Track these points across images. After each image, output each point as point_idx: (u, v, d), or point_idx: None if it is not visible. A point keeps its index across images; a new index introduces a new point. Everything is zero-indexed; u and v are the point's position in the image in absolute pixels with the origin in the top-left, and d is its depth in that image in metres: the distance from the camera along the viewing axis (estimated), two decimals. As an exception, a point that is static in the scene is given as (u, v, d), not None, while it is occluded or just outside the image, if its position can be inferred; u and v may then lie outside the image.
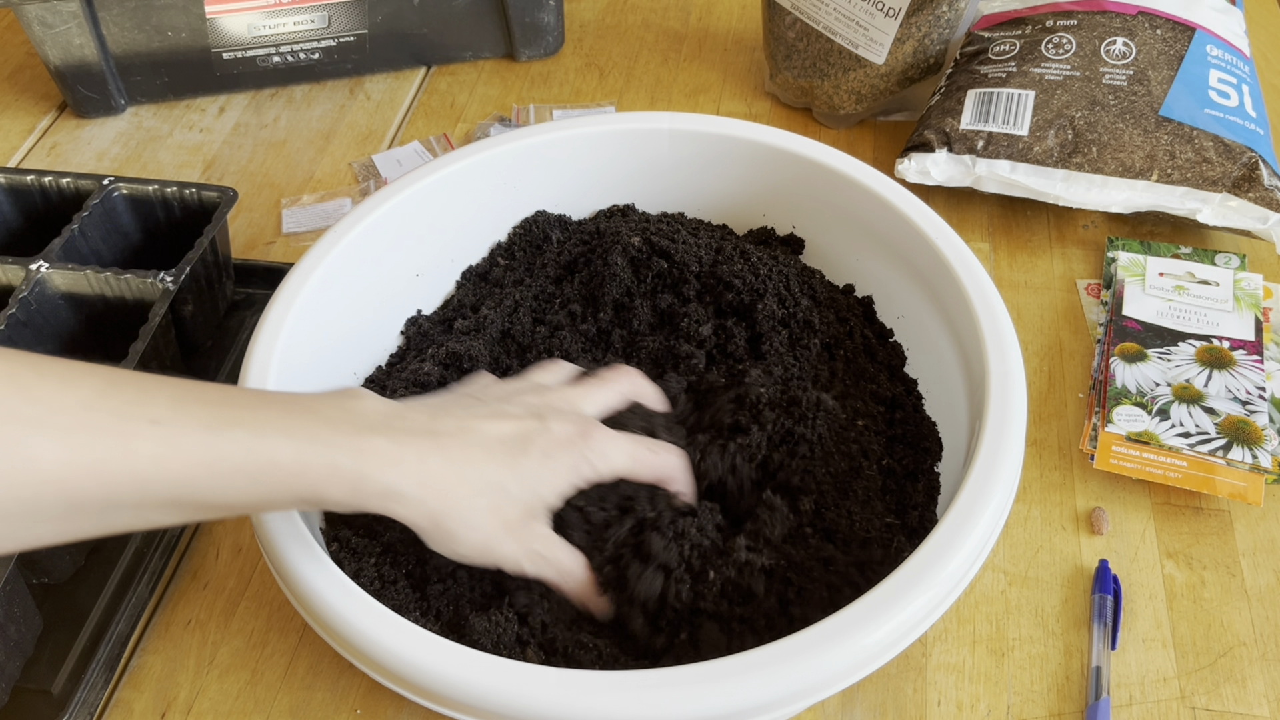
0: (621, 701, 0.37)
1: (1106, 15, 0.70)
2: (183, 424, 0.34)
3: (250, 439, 0.35)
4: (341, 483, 0.37)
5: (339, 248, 0.53)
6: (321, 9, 0.80)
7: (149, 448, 0.33)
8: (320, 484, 0.37)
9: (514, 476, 0.41)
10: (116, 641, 0.50)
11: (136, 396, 0.34)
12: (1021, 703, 0.49)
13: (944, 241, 0.53)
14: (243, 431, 0.35)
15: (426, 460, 0.39)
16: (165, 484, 0.34)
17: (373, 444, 0.38)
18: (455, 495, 0.40)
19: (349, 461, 0.37)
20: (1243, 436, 0.56)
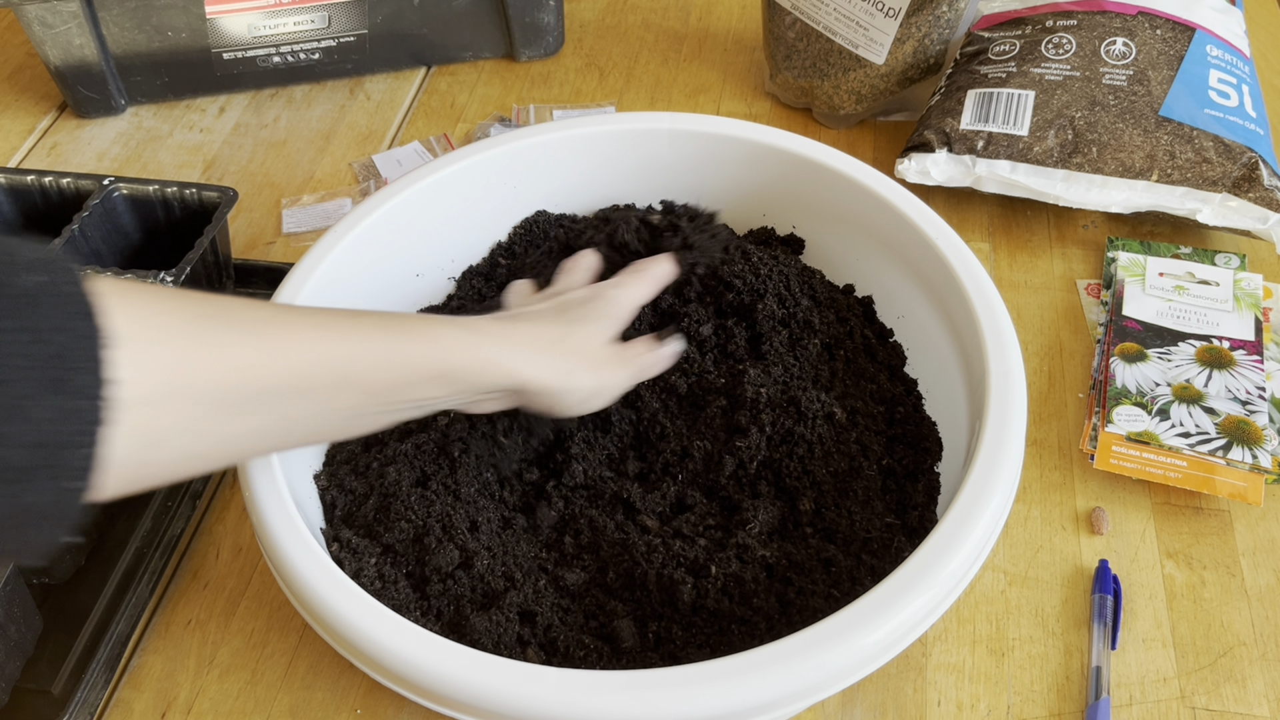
0: (621, 701, 0.37)
1: (1106, 15, 0.70)
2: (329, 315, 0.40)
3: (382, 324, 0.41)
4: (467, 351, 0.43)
5: (339, 248, 0.53)
6: (321, 9, 0.80)
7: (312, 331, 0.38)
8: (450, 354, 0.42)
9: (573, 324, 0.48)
10: (116, 641, 0.50)
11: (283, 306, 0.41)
12: (1021, 703, 0.49)
13: (944, 241, 0.53)
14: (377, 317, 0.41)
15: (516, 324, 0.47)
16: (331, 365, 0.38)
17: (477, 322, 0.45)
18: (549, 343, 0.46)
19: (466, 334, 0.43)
20: (1243, 436, 0.56)
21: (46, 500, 0.29)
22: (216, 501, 0.57)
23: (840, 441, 0.50)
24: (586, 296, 0.51)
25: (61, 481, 0.30)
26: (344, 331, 0.39)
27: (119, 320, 0.31)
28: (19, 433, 0.28)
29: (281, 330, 0.37)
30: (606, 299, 0.51)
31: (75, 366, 0.29)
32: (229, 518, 0.57)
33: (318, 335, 0.38)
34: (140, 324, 0.32)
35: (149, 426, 0.32)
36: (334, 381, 0.38)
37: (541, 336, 0.47)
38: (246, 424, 0.36)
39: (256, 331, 0.36)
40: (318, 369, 0.38)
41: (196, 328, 0.34)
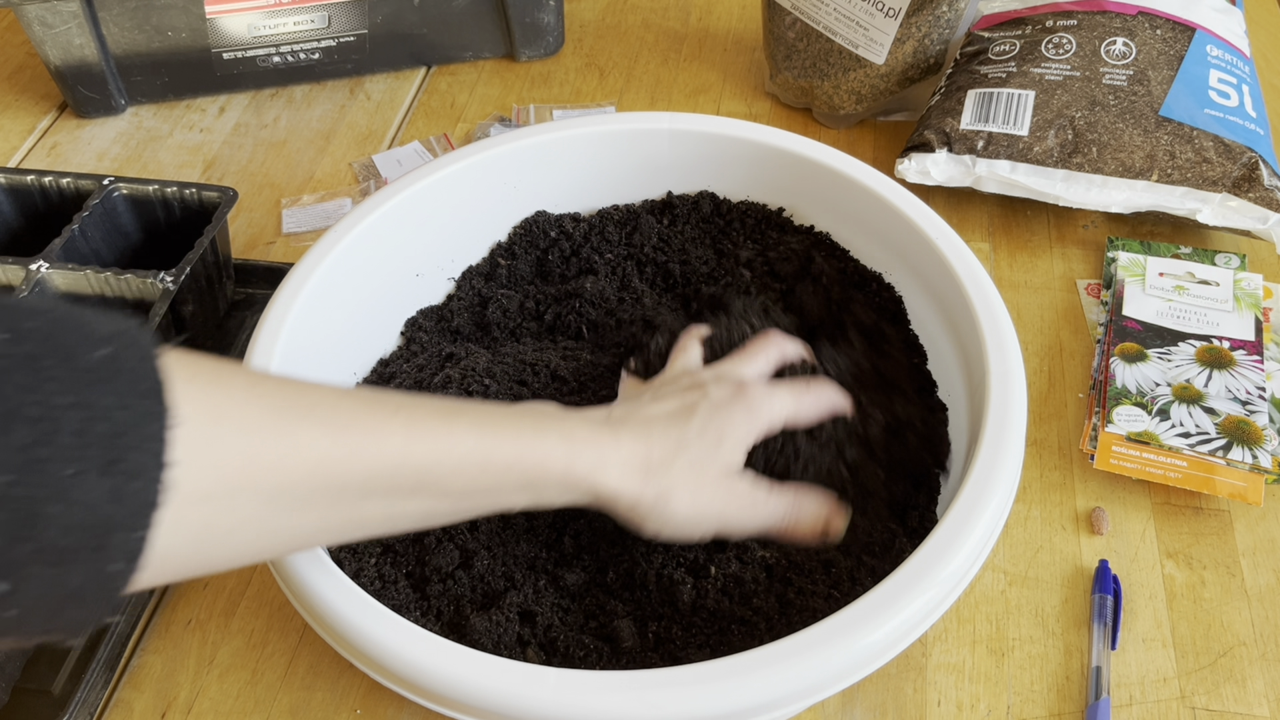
0: (621, 701, 0.37)
1: (1106, 15, 0.70)
2: (420, 414, 0.37)
3: (475, 426, 0.38)
4: (557, 464, 0.40)
5: (339, 248, 0.53)
6: (321, 9, 0.80)
7: (397, 433, 0.36)
8: (540, 466, 0.39)
9: (689, 441, 0.43)
10: (116, 641, 0.50)
11: (373, 397, 0.37)
12: (1021, 703, 0.49)
13: (944, 241, 0.53)
14: (467, 420, 0.38)
15: (620, 439, 0.42)
16: (411, 469, 0.36)
17: (574, 429, 0.41)
18: (650, 464, 0.42)
19: (560, 445, 0.40)
20: (1243, 436, 0.56)
21: (89, 583, 0.28)
22: (216, 501, 0.57)
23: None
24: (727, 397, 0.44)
25: (107, 565, 0.28)
26: (432, 431, 0.37)
27: (185, 400, 0.30)
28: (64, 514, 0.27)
29: (365, 425, 0.35)
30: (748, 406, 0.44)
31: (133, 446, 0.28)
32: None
33: (406, 434, 0.36)
34: (208, 406, 0.31)
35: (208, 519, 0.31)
36: (413, 485, 0.36)
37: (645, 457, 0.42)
38: (310, 521, 0.35)
39: (336, 424, 0.34)
40: (397, 471, 0.36)
41: (268, 418, 0.33)
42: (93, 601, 0.29)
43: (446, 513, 0.39)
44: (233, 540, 0.33)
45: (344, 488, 0.35)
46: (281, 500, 0.33)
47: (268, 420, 0.33)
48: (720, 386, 0.45)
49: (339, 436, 0.34)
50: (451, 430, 0.37)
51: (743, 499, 0.44)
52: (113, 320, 0.30)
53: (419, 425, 0.37)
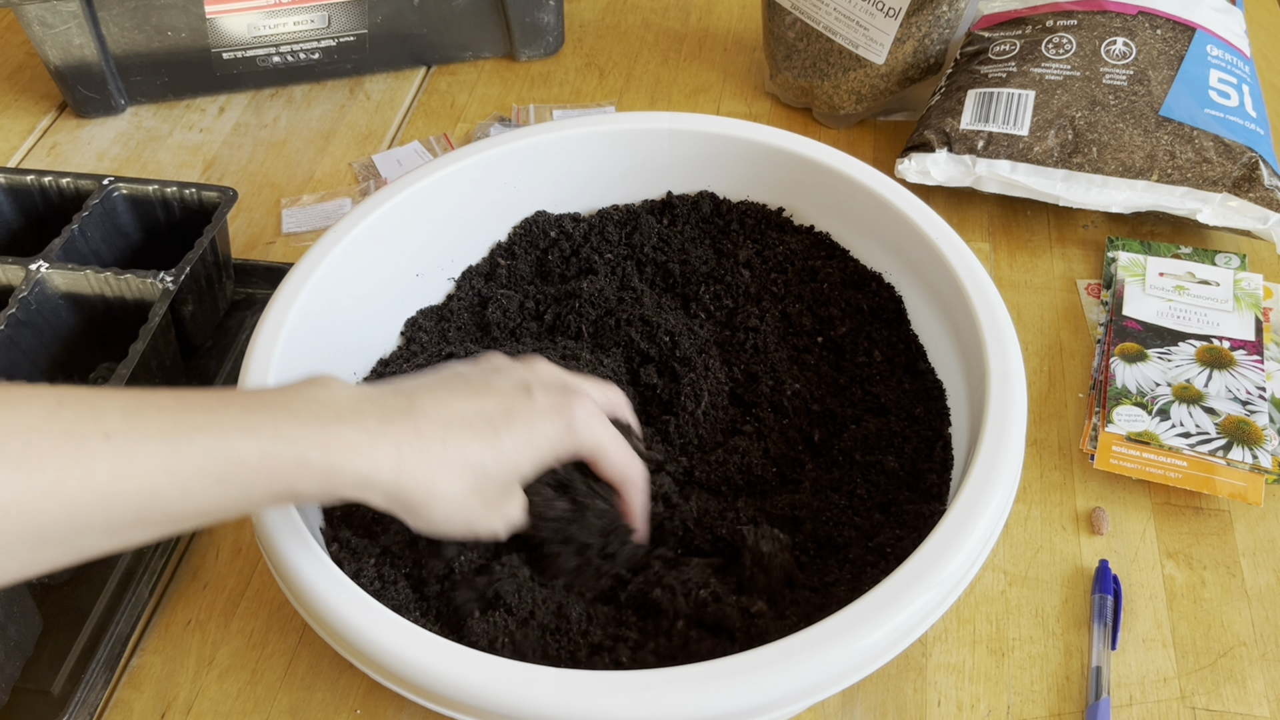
0: (621, 701, 0.37)
1: (1106, 15, 0.70)
2: (138, 435, 0.32)
3: (212, 442, 0.34)
4: (312, 476, 0.36)
5: (339, 248, 0.53)
6: (321, 9, 0.80)
7: (105, 463, 0.31)
8: (290, 479, 0.35)
9: (495, 454, 0.40)
10: (116, 641, 0.50)
11: (85, 413, 0.32)
12: (1021, 703, 0.49)
13: (944, 241, 0.53)
14: (203, 435, 0.34)
15: (402, 449, 0.38)
16: (128, 499, 0.32)
17: (342, 434, 0.36)
18: (433, 482, 0.38)
19: (318, 455, 0.36)
20: (1243, 436, 0.56)
21: None
22: (216, 501, 0.57)
23: None
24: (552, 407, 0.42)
25: None
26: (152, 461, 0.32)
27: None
28: None
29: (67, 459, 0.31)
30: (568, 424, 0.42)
31: None
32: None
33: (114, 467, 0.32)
34: None
35: None
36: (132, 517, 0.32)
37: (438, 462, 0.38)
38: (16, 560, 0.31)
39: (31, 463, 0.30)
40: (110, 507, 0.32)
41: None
42: None
43: (188, 527, 0.35)
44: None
45: (46, 529, 0.31)
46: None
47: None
48: (549, 393, 0.42)
49: (31, 475, 0.30)
50: (176, 454, 0.33)
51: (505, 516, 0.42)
52: None
53: (134, 452, 0.32)
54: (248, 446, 0.34)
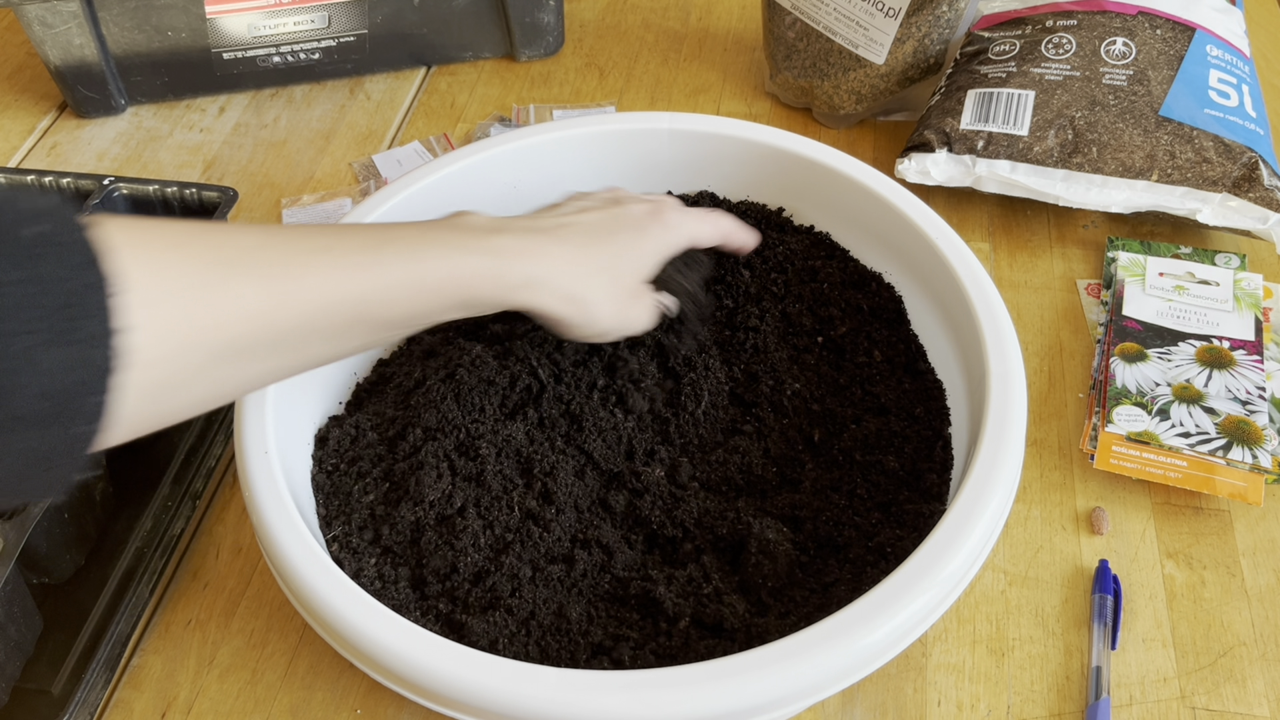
0: (621, 701, 0.37)
1: (1106, 15, 0.70)
2: (346, 247, 0.38)
3: (404, 252, 0.40)
4: (487, 279, 0.42)
5: (339, 248, 0.53)
6: (321, 9, 0.80)
7: (327, 270, 0.37)
8: (470, 284, 0.41)
9: (617, 253, 0.47)
10: (116, 641, 0.50)
11: (297, 234, 0.38)
12: (1021, 703, 0.49)
13: (944, 241, 0.53)
14: (394, 249, 0.40)
15: (548, 249, 0.44)
16: (346, 304, 0.37)
17: (502, 243, 0.43)
18: (582, 274, 0.45)
19: (488, 260, 0.42)
20: (1243, 436, 0.56)
21: (58, 446, 0.30)
22: (216, 501, 0.57)
23: None
24: (646, 213, 0.49)
25: (72, 428, 0.30)
26: (361, 266, 0.38)
27: (127, 265, 0.31)
28: (28, 383, 0.28)
29: (294, 271, 0.36)
30: (665, 223, 0.49)
31: (83, 315, 0.29)
32: (229, 518, 0.57)
33: (333, 274, 0.37)
34: (149, 269, 0.32)
35: (160, 377, 0.32)
36: (349, 319, 0.38)
37: (579, 263, 0.45)
38: (259, 367, 0.36)
39: (267, 275, 0.36)
40: (333, 310, 0.37)
41: (206, 273, 0.34)
42: (61, 464, 0.31)
43: (387, 337, 0.41)
44: (187, 393, 0.34)
45: (284, 335, 0.36)
46: (227, 352, 0.34)
47: (201, 273, 0.34)
48: (639, 205, 0.49)
49: (271, 285, 0.35)
50: (380, 260, 0.39)
51: (646, 309, 0.49)
52: (38, 198, 0.31)
53: (346, 261, 0.38)
54: (432, 255, 0.41)
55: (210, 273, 0.34)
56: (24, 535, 0.46)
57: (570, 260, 0.45)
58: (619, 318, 0.47)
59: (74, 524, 0.51)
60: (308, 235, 0.38)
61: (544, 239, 0.45)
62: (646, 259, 0.49)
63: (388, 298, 0.39)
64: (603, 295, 0.46)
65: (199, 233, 0.35)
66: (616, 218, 0.48)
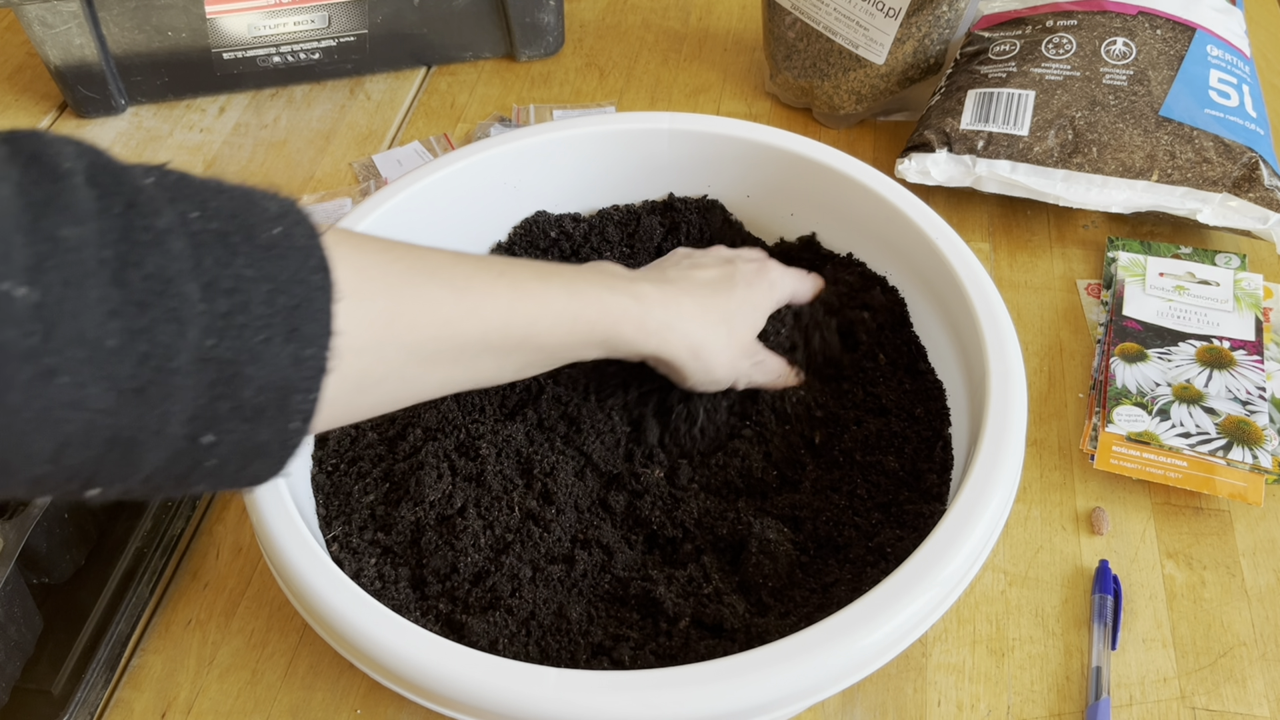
0: (621, 701, 0.37)
1: (1106, 15, 0.70)
2: (520, 274, 0.42)
3: (567, 286, 0.43)
4: (631, 322, 0.45)
5: (339, 248, 0.53)
6: (321, 9, 0.80)
7: (506, 293, 0.41)
8: (617, 324, 0.44)
9: (734, 309, 0.50)
10: (116, 641, 0.50)
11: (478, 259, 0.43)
12: (1021, 703, 0.49)
13: (944, 241, 0.53)
14: (559, 281, 0.43)
15: (680, 301, 0.48)
16: (519, 324, 0.41)
17: (644, 290, 0.46)
18: (705, 326, 0.48)
19: (634, 304, 0.45)
20: (1243, 436, 0.56)
21: (274, 438, 0.32)
22: (216, 501, 0.57)
23: None
24: (754, 271, 0.52)
25: (289, 422, 0.32)
26: (533, 293, 0.41)
27: (343, 273, 0.33)
28: (256, 376, 0.30)
29: (479, 288, 0.40)
30: (770, 281, 0.53)
31: (308, 317, 0.31)
32: (229, 518, 0.57)
33: (511, 296, 0.40)
34: (360, 277, 0.35)
35: (360, 374, 0.35)
36: (518, 340, 0.41)
37: (703, 315, 0.48)
38: (441, 373, 0.39)
39: (458, 288, 0.39)
40: (507, 328, 0.40)
41: (407, 282, 0.37)
42: (275, 455, 0.33)
43: (538, 364, 0.44)
44: (379, 390, 0.37)
45: (465, 345, 0.39)
46: (418, 354, 0.37)
47: (404, 280, 0.37)
48: (747, 264, 0.53)
49: (460, 297, 0.39)
50: (547, 290, 0.42)
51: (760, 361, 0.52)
52: (277, 199, 0.33)
53: (521, 287, 0.41)
54: (590, 294, 0.44)
55: (413, 277, 0.38)
56: (24, 535, 0.46)
57: (696, 312, 0.48)
58: (732, 368, 0.50)
59: (74, 524, 0.51)
60: (487, 261, 0.43)
61: (675, 290, 0.48)
62: (759, 314, 0.52)
63: (551, 324, 0.42)
64: (721, 346, 0.49)
65: (402, 246, 0.39)
66: (730, 275, 0.51)
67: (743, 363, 0.51)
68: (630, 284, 0.46)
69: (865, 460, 0.51)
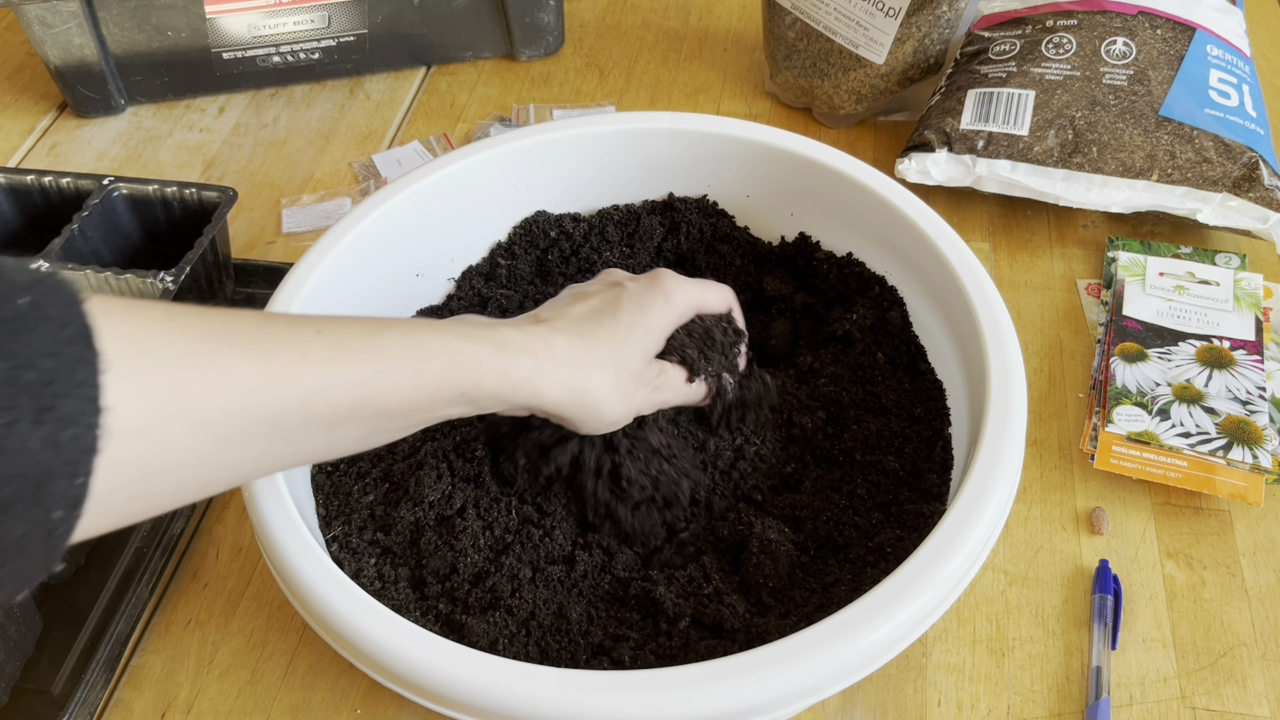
0: (621, 701, 0.37)
1: (1107, 15, 0.70)
2: (342, 332, 0.36)
3: (404, 338, 0.38)
4: (491, 371, 0.40)
5: (339, 248, 0.53)
6: (321, 9, 0.80)
7: (323, 353, 0.35)
8: (473, 375, 0.39)
9: (620, 337, 0.45)
10: (116, 641, 0.50)
11: (291, 318, 0.37)
12: (1021, 703, 0.49)
13: (944, 241, 0.53)
14: (394, 334, 0.38)
15: (552, 342, 0.42)
16: (345, 387, 0.36)
17: (504, 334, 0.41)
18: (584, 367, 0.43)
19: (492, 352, 0.40)
20: (1243, 436, 0.56)
21: (32, 533, 0.28)
22: (216, 501, 0.57)
23: None
24: (643, 288, 0.47)
25: (49, 514, 0.28)
26: (359, 352, 0.36)
27: (112, 342, 0.29)
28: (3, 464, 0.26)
29: (289, 349, 0.34)
30: (665, 292, 0.47)
31: (64, 393, 0.28)
32: (229, 518, 0.57)
33: (330, 356, 0.35)
34: (135, 346, 0.30)
35: (146, 458, 0.30)
36: (348, 407, 0.36)
37: (581, 355, 0.43)
38: (252, 451, 0.34)
39: (262, 352, 0.34)
40: (330, 394, 0.35)
41: (195, 349, 0.32)
42: (37, 551, 0.29)
43: (388, 431, 0.39)
44: (174, 477, 0.32)
45: (278, 417, 0.34)
46: (215, 432, 0.32)
47: (191, 347, 0.32)
48: (636, 281, 0.48)
49: (264, 362, 0.33)
50: (378, 345, 0.37)
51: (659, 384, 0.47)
52: (30, 270, 0.30)
53: (344, 345, 0.36)
54: (435, 341, 0.39)
55: (201, 346, 0.32)
56: (24, 535, 0.46)
57: (573, 353, 0.43)
58: (625, 406, 0.45)
59: (74, 524, 0.51)
60: (302, 320, 0.37)
61: (546, 330, 0.43)
62: (651, 335, 0.46)
63: (387, 385, 0.37)
64: (607, 387, 0.44)
65: (189, 311, 0.33)
66: (614, 299, 0.46)
67: (639, 392, 0.46)
68: (489, 330, 0.41)
69: (865, 460, 0.51)
